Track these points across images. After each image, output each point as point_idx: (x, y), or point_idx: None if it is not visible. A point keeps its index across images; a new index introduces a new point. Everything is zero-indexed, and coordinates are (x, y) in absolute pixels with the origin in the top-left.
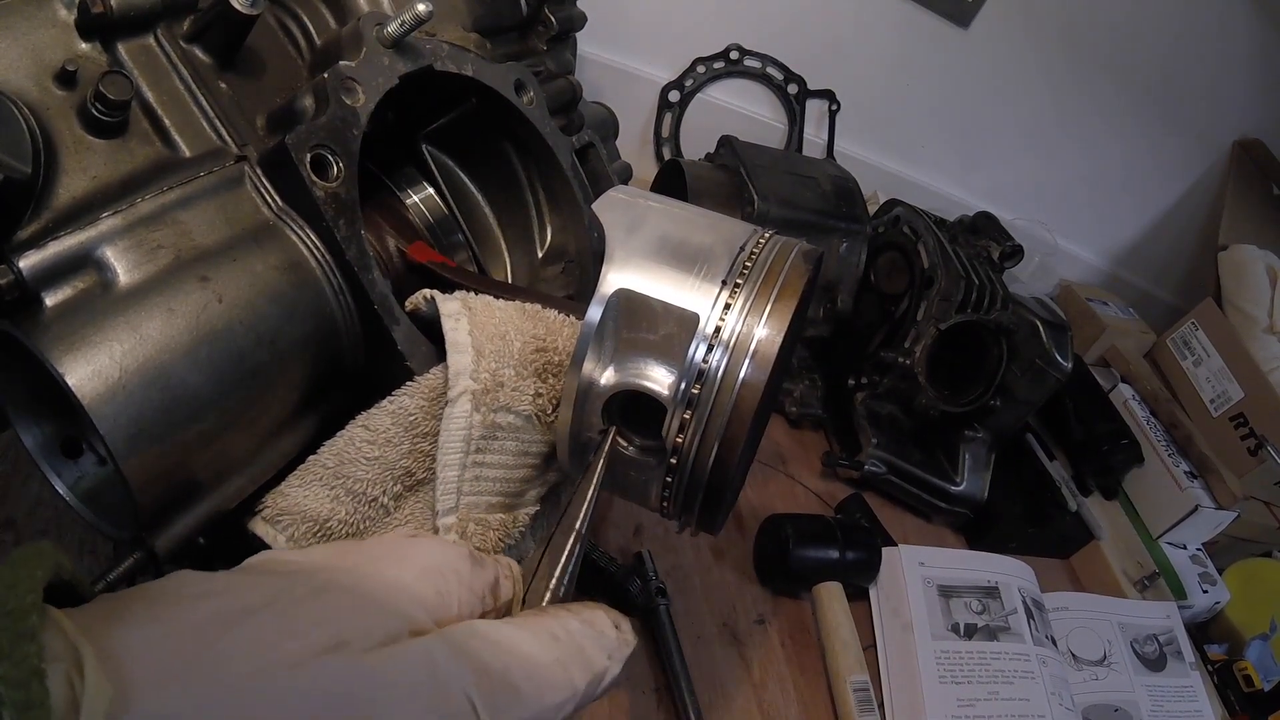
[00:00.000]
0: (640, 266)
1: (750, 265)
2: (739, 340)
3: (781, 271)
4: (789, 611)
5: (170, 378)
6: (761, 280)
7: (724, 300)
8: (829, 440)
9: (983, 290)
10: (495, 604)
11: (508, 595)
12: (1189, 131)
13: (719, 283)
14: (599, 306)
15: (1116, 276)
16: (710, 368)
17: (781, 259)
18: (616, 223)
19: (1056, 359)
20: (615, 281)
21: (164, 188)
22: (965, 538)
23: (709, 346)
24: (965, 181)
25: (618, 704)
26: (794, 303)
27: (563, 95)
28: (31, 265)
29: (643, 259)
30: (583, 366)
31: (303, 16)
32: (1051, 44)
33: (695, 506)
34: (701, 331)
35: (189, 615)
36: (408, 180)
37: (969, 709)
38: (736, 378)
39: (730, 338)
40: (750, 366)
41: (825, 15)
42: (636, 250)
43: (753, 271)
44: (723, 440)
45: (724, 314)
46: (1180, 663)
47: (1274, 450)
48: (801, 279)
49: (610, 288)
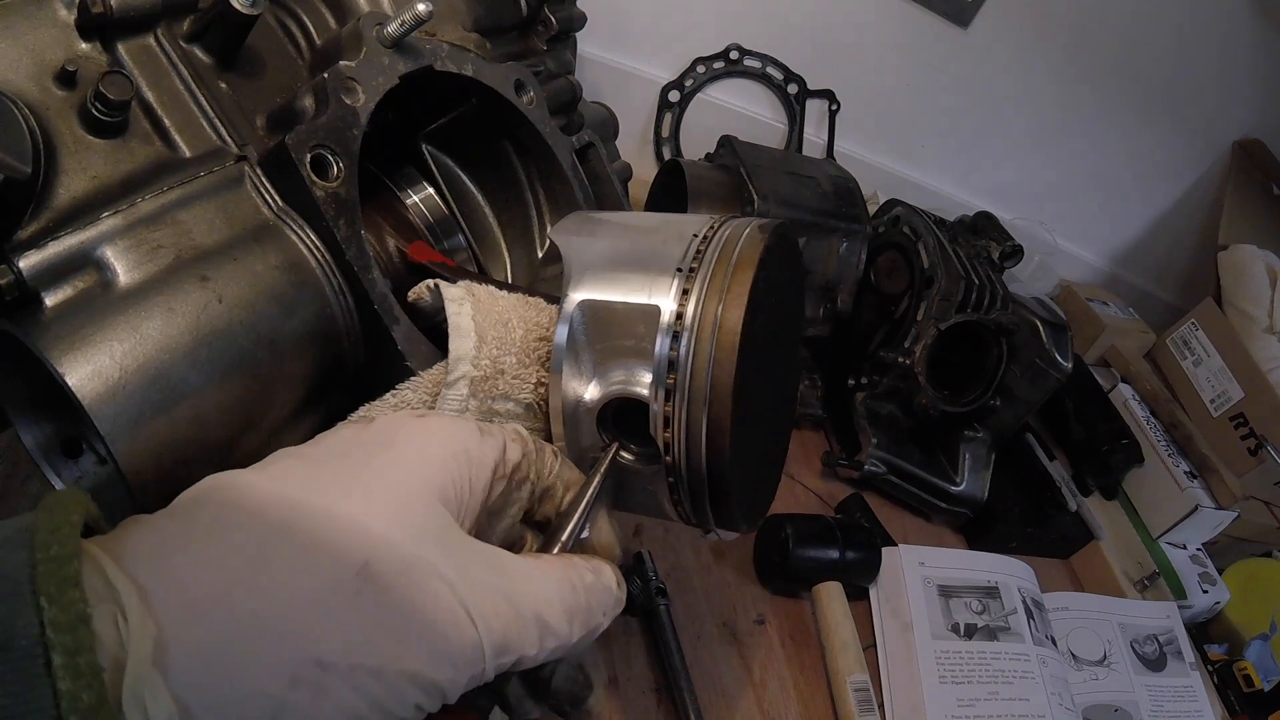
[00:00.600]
0: (598, 276)
1: (704, 249)
2: (702, 321)
3: (736, 245)
4: (789, 611)
5: (170, 377)
6: (716, 259)
7: (680, 287)
8: (829, 440)
9: (983, 290)
10: (506, 470)
11: (516, 457)
12: (1189, 131)
13: (673, 271)
14: (565, 325)
15: (1116, 276)
16: (679, 355)
17: (736, 235)
18: (571, 244)
19: (1056, 359)
20: (576, 296)
21: (164, 188)
22: (965, 538)
23: (674, 335)
24: (965, 181)
25: (618, 704)
26: (751, 271)
27: (563, 95)
28: (31, 265)
29: (600, 269)
30: (564, 385)
31: (303, 16)
32: (1051, 44)
33: (705, 503)
34: (665, 323)
35: (225, 540)
36: (408, 180)
37: (969, 709)
38: (707, 358)
39: (694, 321)
40: (716, 344)
41: (825, 15)
42: (593, 263)
43: (706, 253)
44: (708, 424)
45: (683, 300)
46: (1180, 663)
47: (1274, 450)
48: (757, 249)
49: (572, 304)
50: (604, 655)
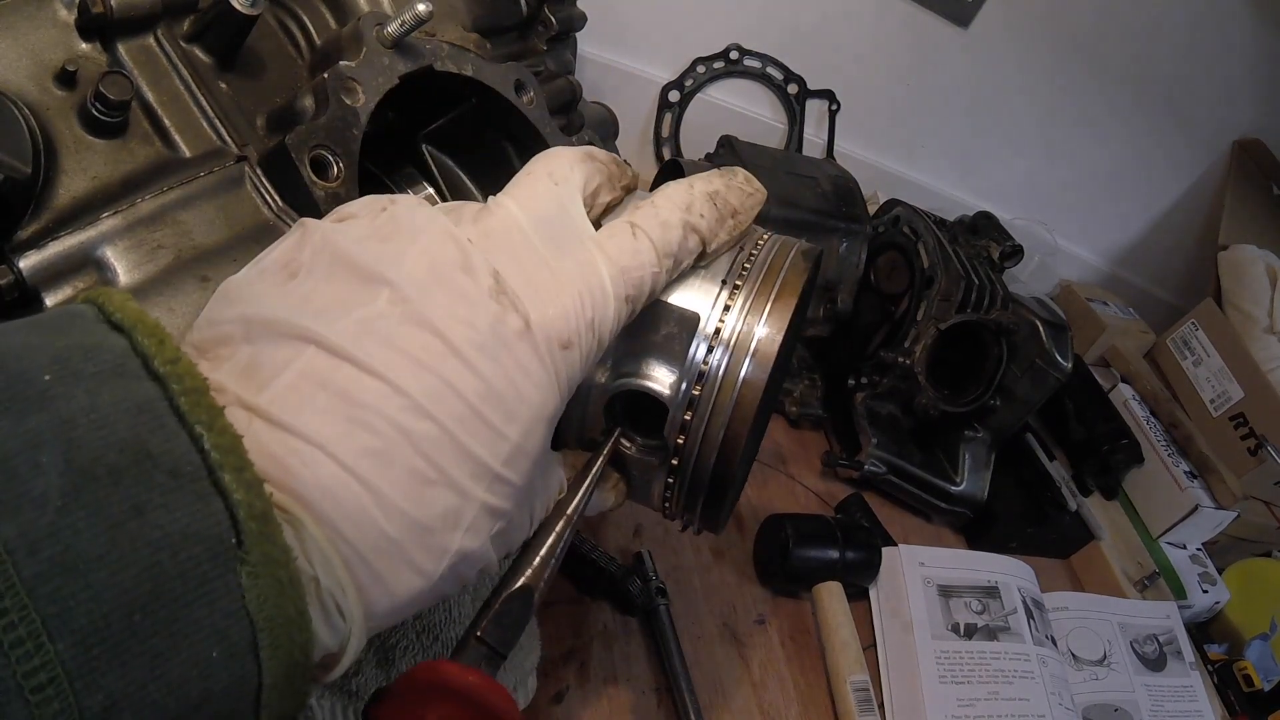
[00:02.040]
0: None
1: (750, 265)
2: (739, 340)
3: (781, 271)
4: (789, 611)
5: None
6: (761, 280)
7: (724, 300)
8: (829, 440)
9: (983, 290)
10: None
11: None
12: (1189, 131)
13: (719, 282)
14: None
15: (1116, 276)
16: (711, 368)
17: (781, 258)
18: None
19: (1056, 359)
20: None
21: (164, 188)
22: (965, 538)
23: (709, 347)
24: (965, 181)
25: (618, 704)
26: (794, 302)
27: (563, 95)
28: (32, 265)
29: None
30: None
31: (303, 16)
32: (1051, 44)
33: (697, 506)
34: (702, 331)
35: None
36: (408, 180)
37: (969, 709)
38: (737, 377)
39: (731, 337)
40: (751, 366)
41: (825, 15)
42: None
43: (752, 271)
44: (724, 440)
45: (724, 314)
46: (1180, 663)
47: (1274, 450)
48: (801, 278)
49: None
50: (604, 655)
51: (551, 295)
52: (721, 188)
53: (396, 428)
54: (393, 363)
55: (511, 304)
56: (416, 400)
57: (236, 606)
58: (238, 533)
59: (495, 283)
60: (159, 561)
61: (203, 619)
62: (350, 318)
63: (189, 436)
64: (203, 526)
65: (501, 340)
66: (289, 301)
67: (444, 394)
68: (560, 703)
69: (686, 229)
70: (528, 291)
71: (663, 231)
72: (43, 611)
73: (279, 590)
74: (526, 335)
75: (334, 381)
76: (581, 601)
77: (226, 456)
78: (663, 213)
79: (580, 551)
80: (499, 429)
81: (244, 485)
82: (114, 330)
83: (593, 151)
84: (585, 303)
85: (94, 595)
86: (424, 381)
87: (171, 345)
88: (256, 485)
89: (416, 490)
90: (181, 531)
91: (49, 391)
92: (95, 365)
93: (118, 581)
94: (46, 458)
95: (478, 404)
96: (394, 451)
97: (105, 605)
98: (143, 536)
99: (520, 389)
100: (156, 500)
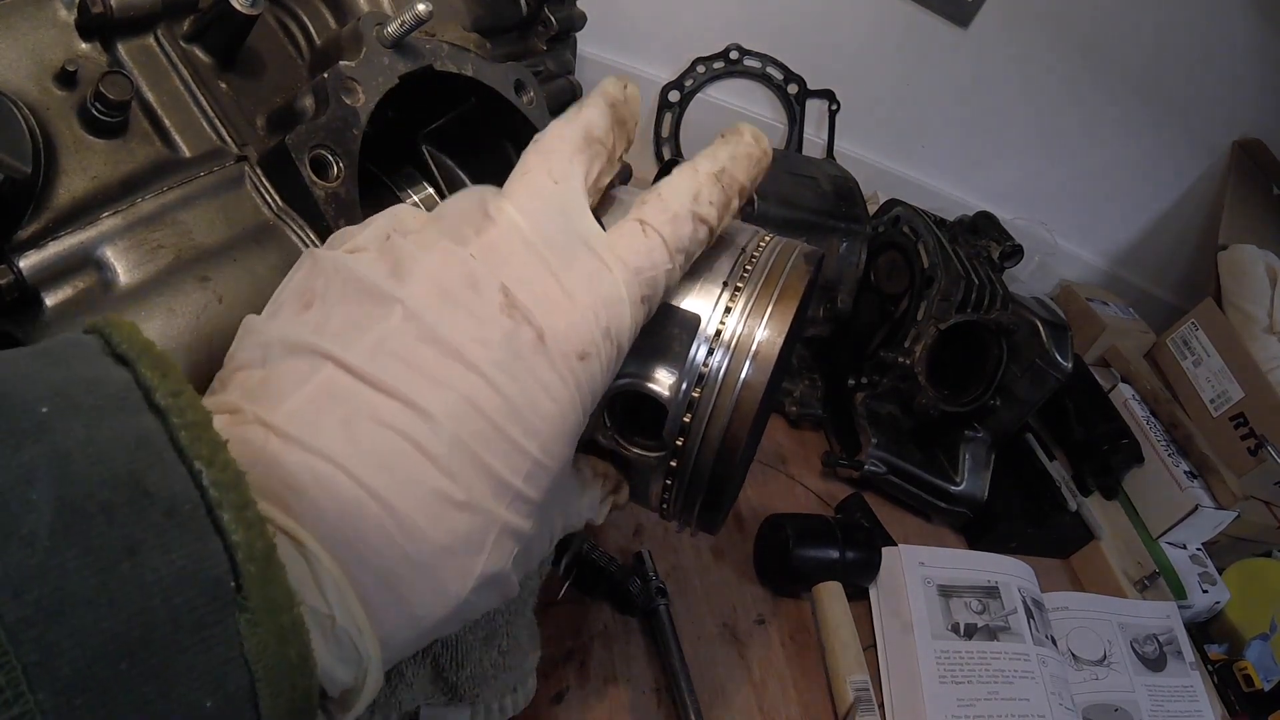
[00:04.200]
0: None
1: (751, 267)
2: (740, 342)
3: (782, 273)
4: (789, 611)
5: None
6: (762, 282)
7: (725, 302)
8: (829, 440)
9: (983, 290)
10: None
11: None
12: (1189, 131)
13: (720, 284)
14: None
15: (1116, 276)
16: (711, 370)
17: (783, 260)
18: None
19: (1056, 359)
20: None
21: (164, 188)
22: (965, 538)
23: (710, 349)
24: (965, 181)
25: (618, 704)
26: (794, 305)
27: (563, 95)
28: (31, 265)
29: None
30: None
31: (303, 16)
32: (1051, 44)
33: (695, 508)
34: (703, 333)
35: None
36: (408, 180)
37: (969, 709)
38: (737, 380)
39: (731, 340)
40: (751, 368)
41: (825, 15)
42: None
43: (753, 273)
44: (724, 442)
45: (725, 316)
46: (1180, 662)
47: (1274, 450)
48: (802, 281)
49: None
50: (604, 655)
51: (563, 306)
52: (727, 162)
53: (415, 446)
54: (410, 381)
55: (524, 318)
56: (435, 418)
57: (234, 654)
58: (236, 576)
59: (505, 298)
60: (150, 606)
61: (196, 667)
62: (366, 337)
63: (188, 472)
64: (199, 568)
65: (516, 355)
66: (306, 327)
67: (463, 411)
68: (560, 703)
69: (695, 220)
70: (538, 304)
71: (673, 227)
72: (24, 659)
73: (280, 637)
74: (541, 348)
75: (352, 399)
76: (581, 601)
77: (226, 494)
78: (671, 206)
79: (580, 551)
80: (519, 445)
81: (244, 525)
82: (118, 363)
83: (589, 128)
84: (600, 310)
85: (80, 641)
86: (442, 399)
87: (176, 377)
88: (258, 524)
89: (436, 510)
90: (176, 574)
91: (46, 424)
92: (96, 398)
93: (106, 627)
94: (38, 493)
95: (498, 420)
96: (413, 470)
97: (91, 652)
98: (134, 578)
99: (538, 403)
100: (151, 540)
